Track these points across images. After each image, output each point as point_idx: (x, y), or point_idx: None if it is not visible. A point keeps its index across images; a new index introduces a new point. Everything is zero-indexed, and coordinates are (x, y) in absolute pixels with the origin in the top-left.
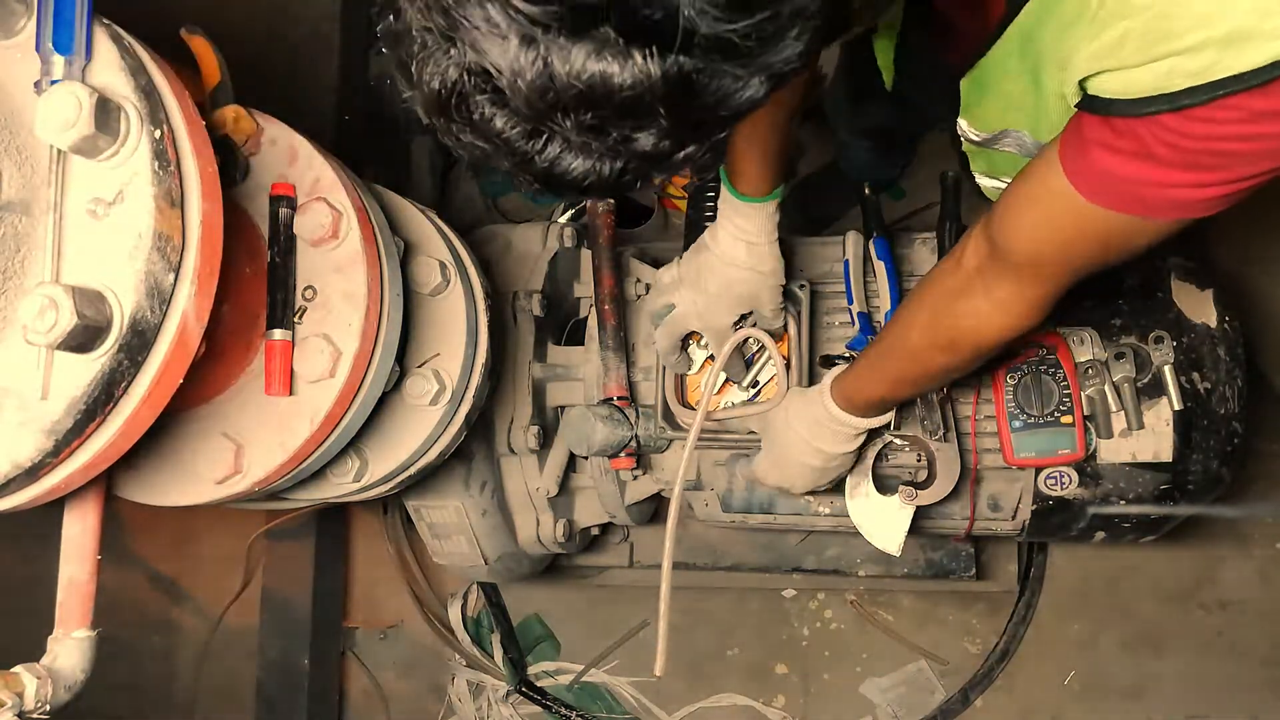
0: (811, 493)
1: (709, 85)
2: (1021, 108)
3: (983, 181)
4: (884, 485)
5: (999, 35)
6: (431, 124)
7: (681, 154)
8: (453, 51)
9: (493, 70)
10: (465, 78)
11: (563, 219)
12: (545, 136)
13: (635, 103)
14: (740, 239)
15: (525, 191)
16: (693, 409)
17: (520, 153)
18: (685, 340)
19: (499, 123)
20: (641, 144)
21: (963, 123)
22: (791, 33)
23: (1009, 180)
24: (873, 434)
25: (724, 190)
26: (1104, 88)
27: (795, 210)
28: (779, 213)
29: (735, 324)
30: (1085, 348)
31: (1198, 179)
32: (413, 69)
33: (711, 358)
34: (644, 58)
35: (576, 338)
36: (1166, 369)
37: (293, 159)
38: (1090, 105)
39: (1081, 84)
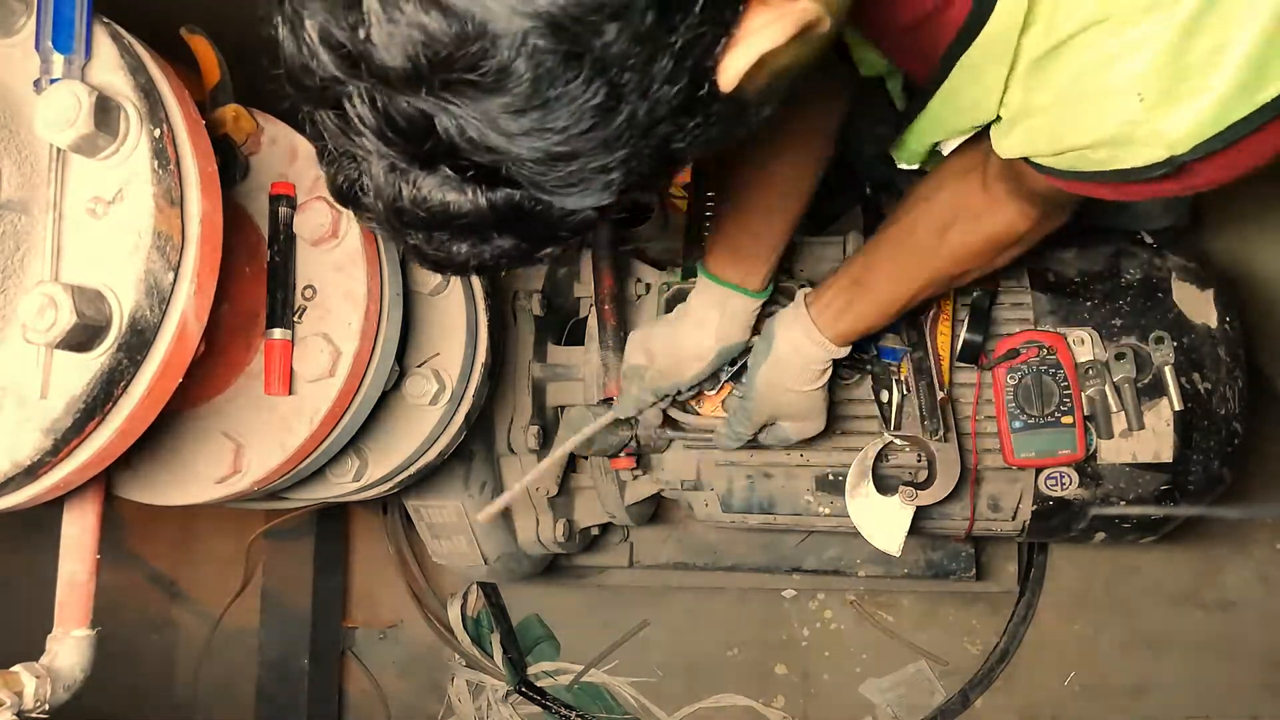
0: (812, 493)
1: (538, 209)
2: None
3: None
4: (884, 485)
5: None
6: None
7: (542, 252)
8: (343, 162)
9: (366, 186)
10: (352, 185)
11: None
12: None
13: (475, 224)
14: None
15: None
16: (695, 411)
17: (407, 245)
18: None
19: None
20: (494, 250)
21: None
22: (600, 180)
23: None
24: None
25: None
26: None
27: None
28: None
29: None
30: (1085, 348)
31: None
32: (322, 164)
33: None
34: (475, 191)
35: (576, 338)
36: (1167, 369)
37: (293, 158)
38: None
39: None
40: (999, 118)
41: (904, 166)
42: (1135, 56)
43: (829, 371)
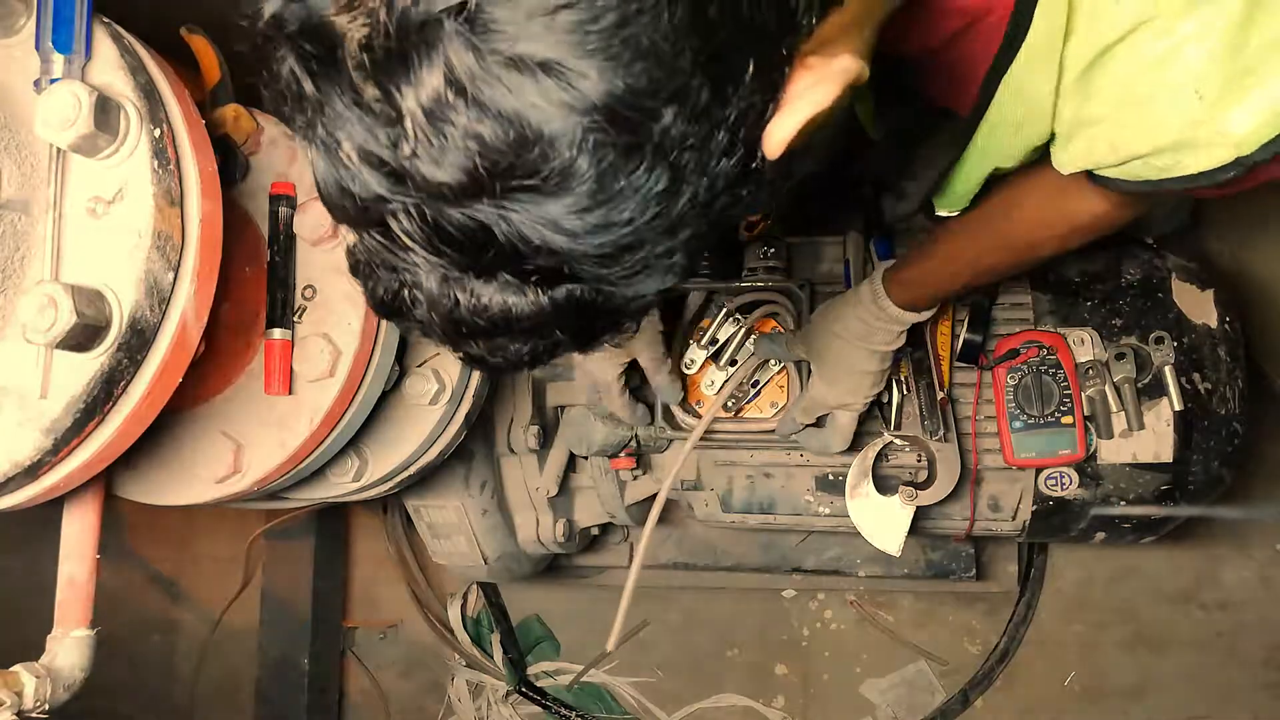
0: (812, 493)
1: (600, 301)
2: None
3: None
4: (884, 485)
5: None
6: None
7: (597, 340)
8: (381, 273)
9: (417, 299)
10: (395, 296)
11: None
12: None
13: (537, 325)
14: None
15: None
16: (695, 412)
17: (466, 355)
18: (683, 348)
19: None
20: (552, 343)
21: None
22: (664, 264)
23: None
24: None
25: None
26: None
27: (795, 210)
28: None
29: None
30: (1086, 348)
31: None
32: (357, 277)
33: (711, 359)
34: (537, 292)
35: None
36: (1167, 369)
37: (293, 158)
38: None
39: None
40: (1054, 135)
41: (944, 214)
42: (1189, 53)
43: (893, 345)
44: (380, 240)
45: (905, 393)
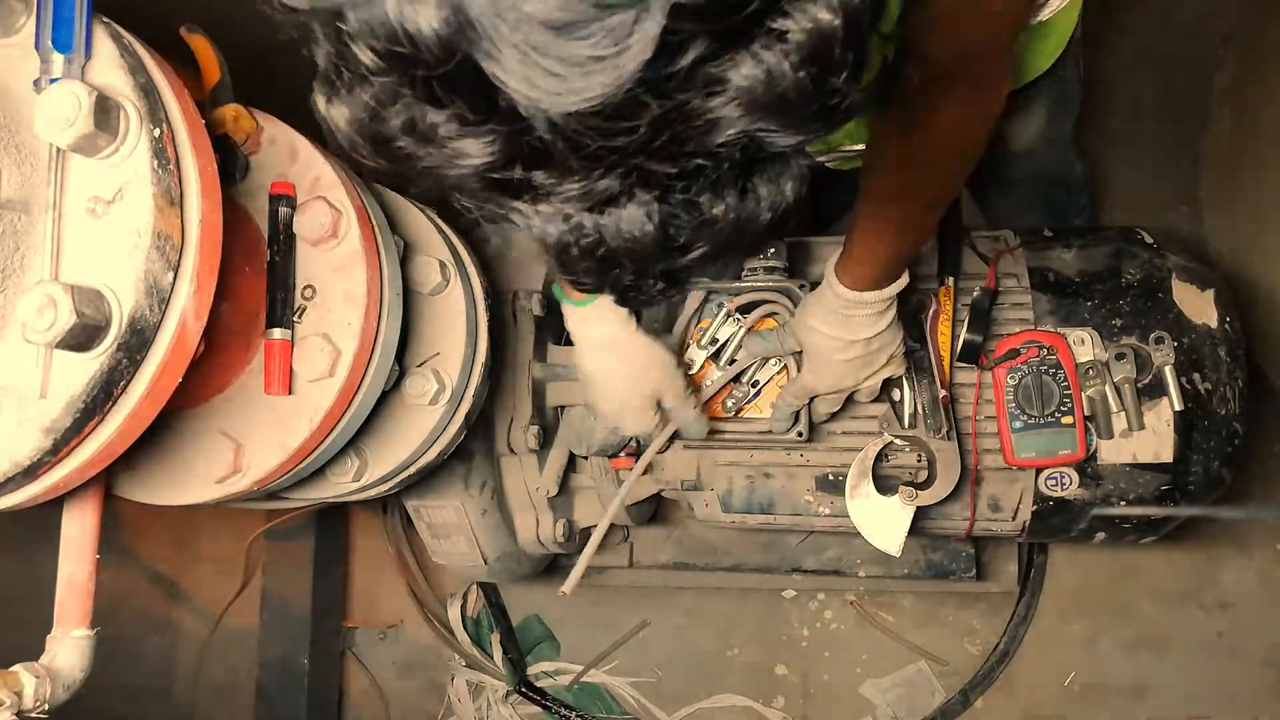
0: (812, 492)
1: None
2: None
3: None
4: (884, 485)
5: None
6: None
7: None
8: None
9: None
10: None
11: None
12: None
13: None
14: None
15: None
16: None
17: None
18: (683, 349)
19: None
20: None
21: None
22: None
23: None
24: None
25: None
26: None
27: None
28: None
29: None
30: (1086, 348)
31: None
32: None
33: (711, 359)
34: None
35: None
36: (1167, 369)
37: (293, 158)
38: None
39: None
40: None
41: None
42: None
43: (876, 328)
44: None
45: (913, 391)
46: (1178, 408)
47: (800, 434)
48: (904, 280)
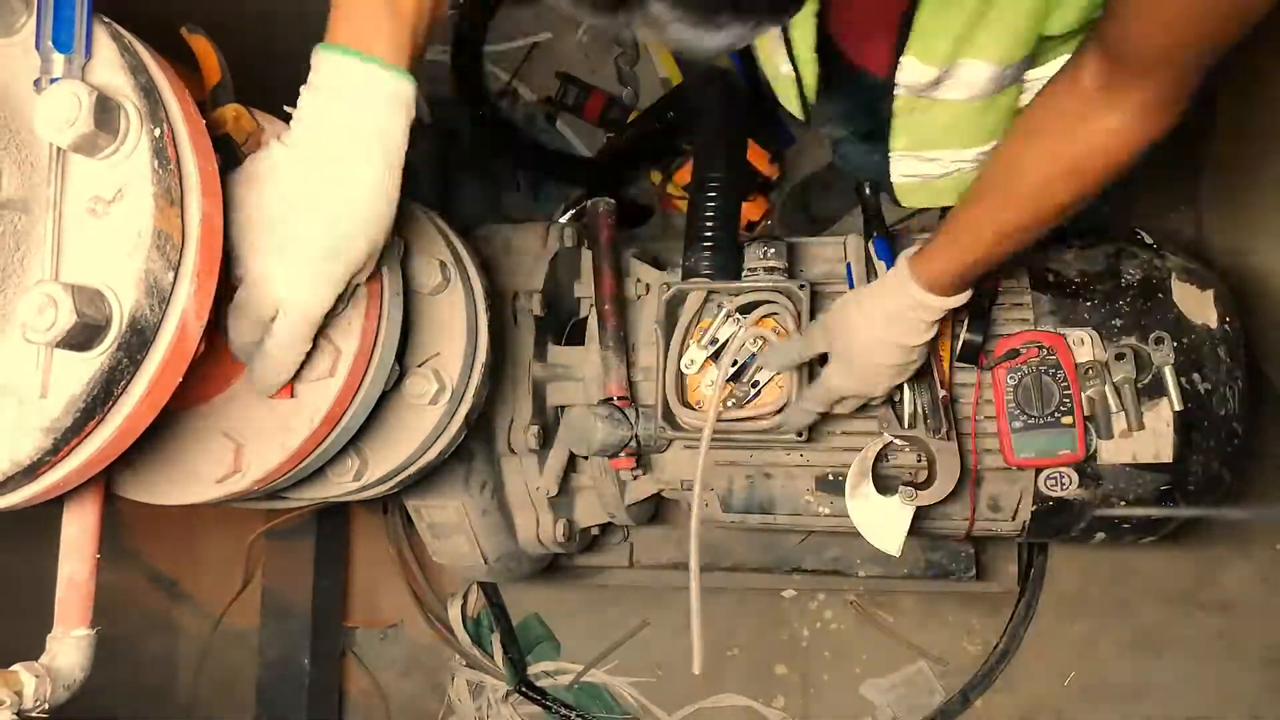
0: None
1: None
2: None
3: (902, 173)
4: (884, 485)
5: None
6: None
7: None
8: None
9: None
10: None
11: (563, 219)
12: None
13: None
14: None
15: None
16: (693, 409)
17: None
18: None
19: None
20: None
21: (907, 63)
22: None
23: (935, 157)
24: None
25: None
26: None
27: (796, 210)
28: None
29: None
30: (1085, 348)
31: None
32: None
33: (711, 358)
34: None
35: (576, 338)
36: (1167, 370)
37: None
38: None
39: None
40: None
41: (917, 78)
42: None
43: (924, 338)
44: None
45: (913, 391)
46: (1177, 408)
47: (800, 434)
48: (967, 295)
